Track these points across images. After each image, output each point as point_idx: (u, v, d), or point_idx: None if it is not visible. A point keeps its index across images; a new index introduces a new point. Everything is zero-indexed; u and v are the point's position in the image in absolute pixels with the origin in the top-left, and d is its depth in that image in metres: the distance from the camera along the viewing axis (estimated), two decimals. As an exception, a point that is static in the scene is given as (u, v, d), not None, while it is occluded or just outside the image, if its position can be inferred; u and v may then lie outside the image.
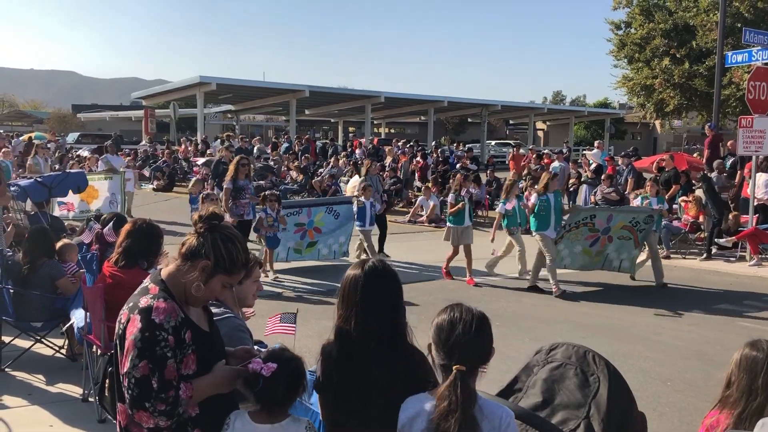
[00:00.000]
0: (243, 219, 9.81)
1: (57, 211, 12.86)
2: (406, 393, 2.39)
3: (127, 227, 4.95)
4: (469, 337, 2.24)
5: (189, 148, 26.87)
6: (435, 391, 2.28)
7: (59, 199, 12.57)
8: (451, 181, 18.38)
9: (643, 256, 10.67)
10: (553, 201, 9.62)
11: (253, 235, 10.52)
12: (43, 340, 6.31)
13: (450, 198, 10.49)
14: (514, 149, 24.23)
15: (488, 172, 20.99)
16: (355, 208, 11.39)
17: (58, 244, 6.72)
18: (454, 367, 2.23)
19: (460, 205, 9.93)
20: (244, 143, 25.44)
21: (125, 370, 2.31)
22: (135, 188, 16.95)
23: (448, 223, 10.30)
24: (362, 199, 11.38)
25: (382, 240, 12.05)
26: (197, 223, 2.52)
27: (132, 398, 2.30)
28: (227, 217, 9.43)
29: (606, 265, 10.40)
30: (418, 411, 2.28)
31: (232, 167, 10.17)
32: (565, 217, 9.95)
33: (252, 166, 11.72)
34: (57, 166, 18.59)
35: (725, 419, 2.56)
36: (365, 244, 11.23)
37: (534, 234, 9.74)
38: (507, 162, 26.38)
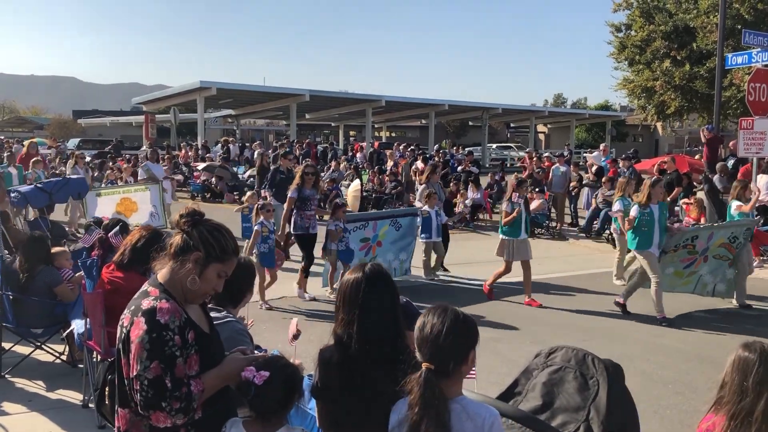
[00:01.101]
0: (308, 233, 9.13)
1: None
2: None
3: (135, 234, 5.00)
4: (440, 337, 2.25)
5: (189, 153, 26.89)
6: None
7: (95, 214, 11.79)
8: (452, 184, 18.43)
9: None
10: (658, 214, 8.36)
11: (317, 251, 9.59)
12: (43, 346, 6.30)
13: (504, 206, 9.19)
14: (527, 154, 24.08)
15: (490, 175, 20.98)
16: (419, 220, 10.52)
17: (53, 251, 6.71)
18: (423, 365, 2.25)
19: (515, 212, 8.85)
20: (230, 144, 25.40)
21: (136, 373, 2.32)
22: (173, 199, 15.35)
23: (501, 236, 9.10)
24: (426, 208, 10.60)
25: (442, 254, 10.89)
26: (180, 220, 2.55)
27: (147, 400, 2.31)
28: (285, 229, 9.19)
29: (698, 288, 9.22)
30: (406, 414, 2.29)
31: (298, 175, 9.38)
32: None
33: (320, 175, 10.86)
34: (96, 173, 18.36)
35: (720, 422, 2.55)
36: (423, 258, 10.48)
37: (634, 253, 8.62)
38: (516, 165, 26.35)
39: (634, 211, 8.43)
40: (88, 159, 20.05)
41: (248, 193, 12.58)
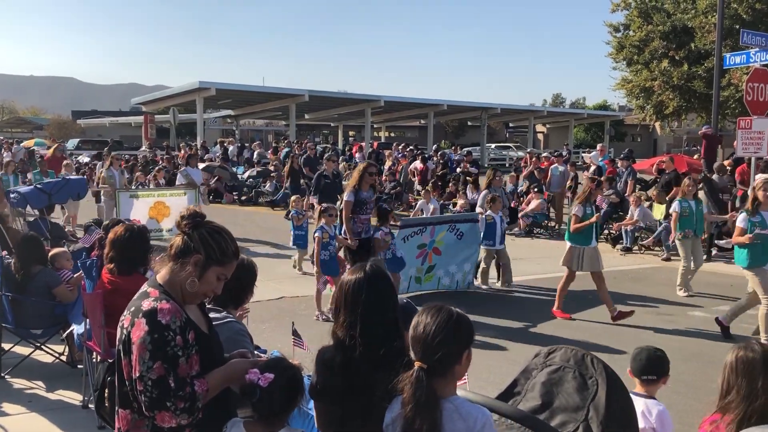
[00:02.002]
0: (361, 237, 8.42)
1: None
2: None
3: (110, 237, 4.97)
4: (432, 337, 2.25)
5: (189, 154, 26.87)
6: None
7: (129, 216, 11.39)
8: (451, 185, 18.44)
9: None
10: None
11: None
12: (43, 346, 6.31)
13: (575, 210, 8.29)
14: (528, 154, 23.99)
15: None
16: (481, 226, 9.91)
17: (51, 252, 6.71)
18: (415, 364, 2.26)
19: (594, 218, 8.16)
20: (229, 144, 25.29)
21: (138, 374, 2.33)
22: (205, 202, 15.09)
23: (568, 243, 8.35)
24: (490, 213, 9.96)
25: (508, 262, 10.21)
26: (181, 222, 2.55)
27: (152, 400, 2.31)
28: (340, 237, 8.45)
29: None
30: (399, 412, 2.30)
31: (356, 174, 8.60)
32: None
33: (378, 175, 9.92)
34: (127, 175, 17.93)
35: (727, 420, 2.56)
36: (482, 267, 9.91)
37: (746, 271, 7.32)
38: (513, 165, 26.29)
39: (742, 222, 7.21)
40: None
41: (293, 198, 11.89)
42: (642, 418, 3.67)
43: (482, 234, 9.86)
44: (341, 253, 8.74)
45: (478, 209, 10.64)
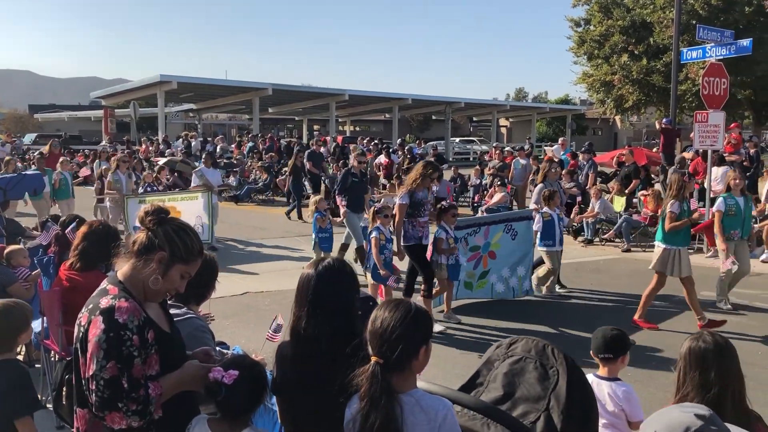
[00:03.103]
0: (421, 243, 7.66)
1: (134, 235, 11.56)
2: None
3: (83, 229, 4.85)
4: (389, 331, 2.25)
5: (150, 148, 26.49)
6: None
7: (136, 223, 11.28)
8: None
9: None
10: None
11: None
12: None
13: (671, 207, 7.39)
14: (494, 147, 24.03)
15: (453, 168, 21.12)
16: (537, 225, 9.00)
17: (6, 249, 6.54)
18: (372, 358, 2.25)
19: (696, 215, 7.45)
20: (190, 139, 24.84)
21: (92, 373, 2.28)
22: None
23: (661, 245, 7.50)
24: (547, 209, 9.01)
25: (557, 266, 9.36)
26: (145, 219, 2.51)
27: (103, 400, 2.27)
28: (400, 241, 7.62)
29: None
30: (357, 408, 2.29)
31: (414, 174, 7.70)
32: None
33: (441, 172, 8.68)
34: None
35: None
36: (547, 267, 9.00)
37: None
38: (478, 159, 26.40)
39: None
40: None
41: (313, 198, 10.98)
42: (609, 400, 3.74)
43: (539, 234, 8.97)
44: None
45: (532, 205, 9.68)
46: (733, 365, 2.67)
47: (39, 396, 5.34)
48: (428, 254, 7.82)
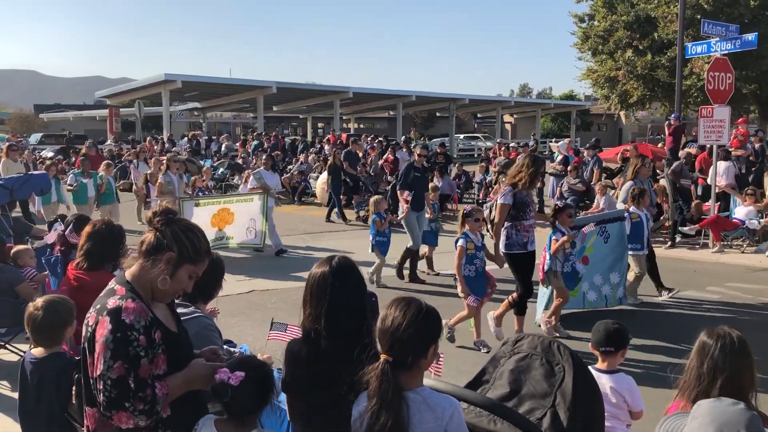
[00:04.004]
0: (527, 250, 6.80)
1: None
2: None
3: (87, 229, 4.86)
4: (399, 330, 2.26)
5: (155, 147, 26.54)
6: None
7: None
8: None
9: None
10: None
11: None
12: (7, 345, 6.20)
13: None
14: (498, 144, 24.02)
15: (458, 165, 21.09)
16: (626, 226, 8.24)
17: (13, 249, 6.57)
18: (381, 356, 2.27)
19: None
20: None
21: (99, 373, 2.30)
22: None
23: None
24: (635, 209, 8.33)
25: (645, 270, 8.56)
26: (153, 219, 2.52)
27: (110, 400, 2.29)
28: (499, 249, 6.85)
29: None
30: (365, 405, 2.31)
31: (521, 170, 6.81)
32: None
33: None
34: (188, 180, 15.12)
35: (686, 407, 2.61)
36: (635, 272, 8.37)
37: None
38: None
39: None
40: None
41: (373, 198, 10.15)
42: (612, 393, 3.77)
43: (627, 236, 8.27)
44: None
45: (620, 204, 8.99)
46: (736, 362, 2.60)
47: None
48: (542, 262, 7.06)
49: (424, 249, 10.13)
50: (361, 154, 21.58)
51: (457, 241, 6.75)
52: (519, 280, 6.86)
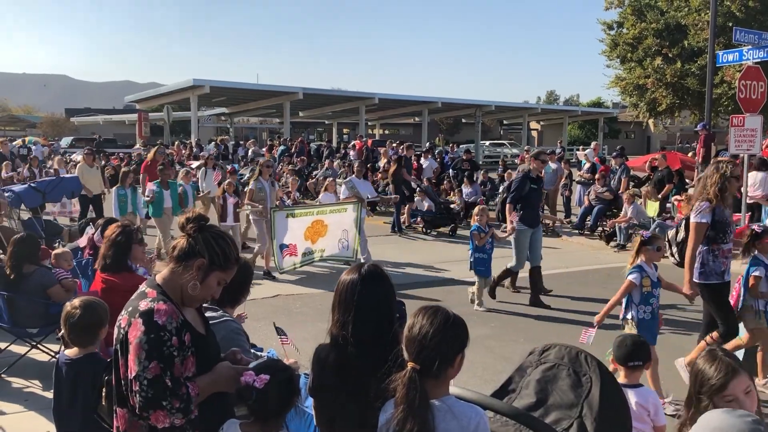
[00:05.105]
0: (723, 280, 5.65)
1: (281, 256, 10.04)
2: None
3: (107, 234, 4.96)
4: (427, 338, 2.26)
5: (183, 152, 26.85)
6: None
7: (283, 240, 10.00)
8: (445, 182, 18.44)
9: None
10: None
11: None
12: (39, 345, 6.30)
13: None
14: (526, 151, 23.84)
15: (483, 173, 21.02)
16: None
17: (55, 251, 6.69)
18: (408, 364, 2.27)
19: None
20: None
21: (134, 374, 2.34)
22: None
23: None
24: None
25: None
26: (186, 225, 2.57)
27: (147, 399, 2.33)
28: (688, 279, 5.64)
29: None
30: (392, 413, 2.31)
31: (717, 182, 5.53)
32: None
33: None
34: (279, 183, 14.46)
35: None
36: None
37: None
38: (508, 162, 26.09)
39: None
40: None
41: (477, 208, 8.94)
42: (638, 407, 3.73)
43: None
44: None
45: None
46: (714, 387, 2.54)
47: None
48: (733, 298, 5.88)
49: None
50: (385, 160, 21.61)
51: (628, 274, 5.51)
52: (720, 318, 5.70)
